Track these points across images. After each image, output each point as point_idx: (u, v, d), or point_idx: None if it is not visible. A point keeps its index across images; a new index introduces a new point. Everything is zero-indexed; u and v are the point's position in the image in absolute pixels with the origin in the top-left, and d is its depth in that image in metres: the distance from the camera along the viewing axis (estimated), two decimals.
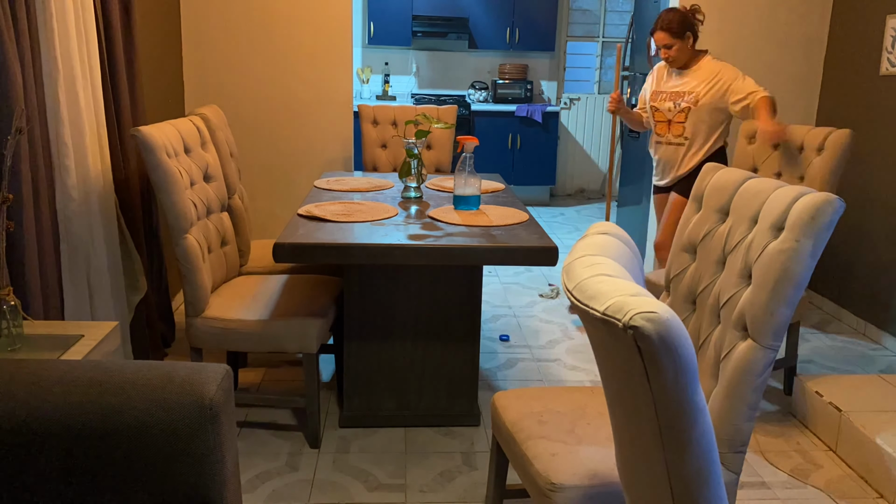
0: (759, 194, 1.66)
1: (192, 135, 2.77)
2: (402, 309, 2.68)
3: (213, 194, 2.81)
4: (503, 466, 1.99)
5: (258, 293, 2.73)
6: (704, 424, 1.00)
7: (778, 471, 2.57)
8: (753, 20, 4.24)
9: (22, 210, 2.09)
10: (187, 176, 2.61)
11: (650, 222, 4.61)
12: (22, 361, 1.17)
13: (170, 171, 2.44)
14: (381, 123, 4.13)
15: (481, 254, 2.38)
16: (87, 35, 2.56)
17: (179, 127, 2.69)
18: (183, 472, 1.08)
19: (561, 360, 3.45)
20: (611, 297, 0.98)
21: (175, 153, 2.57)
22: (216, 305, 2.59)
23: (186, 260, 2.49)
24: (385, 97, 7.04)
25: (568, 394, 2.01)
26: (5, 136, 1.91)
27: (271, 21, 4.10)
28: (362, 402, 2.75)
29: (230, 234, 2.94)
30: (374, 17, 6.75)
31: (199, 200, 2.67)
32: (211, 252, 2.72)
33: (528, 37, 7.02)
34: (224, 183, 2.96)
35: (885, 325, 3.73)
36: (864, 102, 3.94)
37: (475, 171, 2.79)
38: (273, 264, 3.08)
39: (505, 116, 6.90)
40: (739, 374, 1.56)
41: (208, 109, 3.11)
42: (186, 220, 2.49)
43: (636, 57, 5.34)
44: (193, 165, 2.70)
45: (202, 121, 2.94)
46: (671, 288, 1.90)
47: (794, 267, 1.49)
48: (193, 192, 2.63)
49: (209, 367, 1.14)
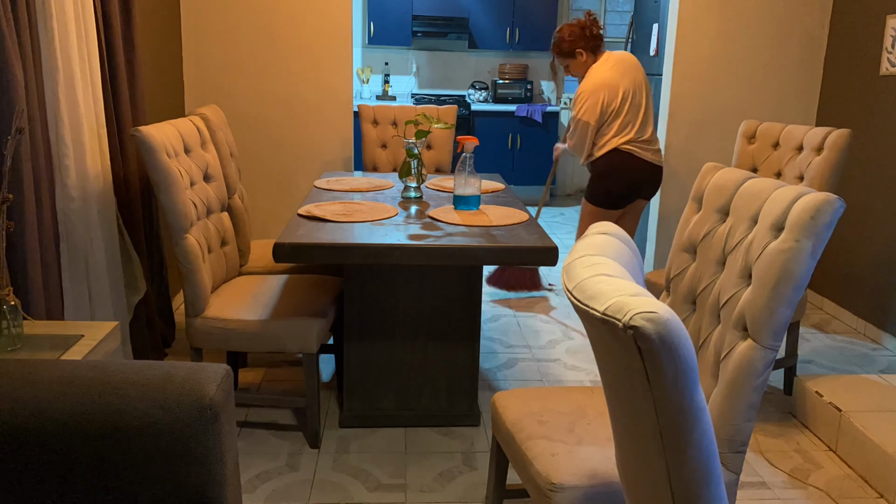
0: (759, 194, 1.66)
1: (192, 135, 2.76)
2: (402, 309, 2.68)
3: (213, 194, 2.81)
4: (503, 466, 1.99)
5: (258, 293, 2.73)
6: (704, 424, 1.00)
7: (778, 471, 2.57)
8: (753, 20, 4.24)
9: (23, 210, 2.09)
10: (187, 176, 2.60)
11: (650, 222, 4.61)
12: (22, 361, 1.17)
13: (170, 171, 2.44)
14: (381, 123, 4.13)
15: (481, 254, 2.38)
16: (87, 35, 2.56)
17: (179, 127, 2.69)
18: (183, 472, 1.08)
19: (561, 360, 3.45)
20: (611, 297, 0.98)
21: (175, 153, 2.57)
22: (216, 305, 2.59)
23: (186, 260, 2.48)
24: (385, 97, 7.04)
25: (568, 394, 2.01)
26: (6, 136, 1.91)
27: (271, 21, 4.10)
28: (362, 402, 2.75)
29: (230, 234, 2.93)
30: (374, 17, 6.75)
31: (200, 200, 2.66)
32: (211, 252, 2.72)
33: (528, 37, 7.02)
34: (224, 183, 2.96)
35: (885, 325, 3.73)
36: (864, 102, 3.94)
37: (475, 171, 2.79)
38: (273, 264, 3.08)
39: (505, 116, 6.90)
40: (739, 374, 1.56)
41: (208, 109, 3.11)
42: (186, 219, 2.49)
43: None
44: (193, 165, 2.69)
45: (202, 121, 2.94)
46: (671, 288, 1.90)
47: (794, 267, 1.49)
48: (193, 192, 2.63)
49: (209, 367, 1.14)
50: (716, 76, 4.30)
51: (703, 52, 4.26)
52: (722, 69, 4.29)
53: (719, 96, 4.32)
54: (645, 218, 4.77)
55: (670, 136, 4.36)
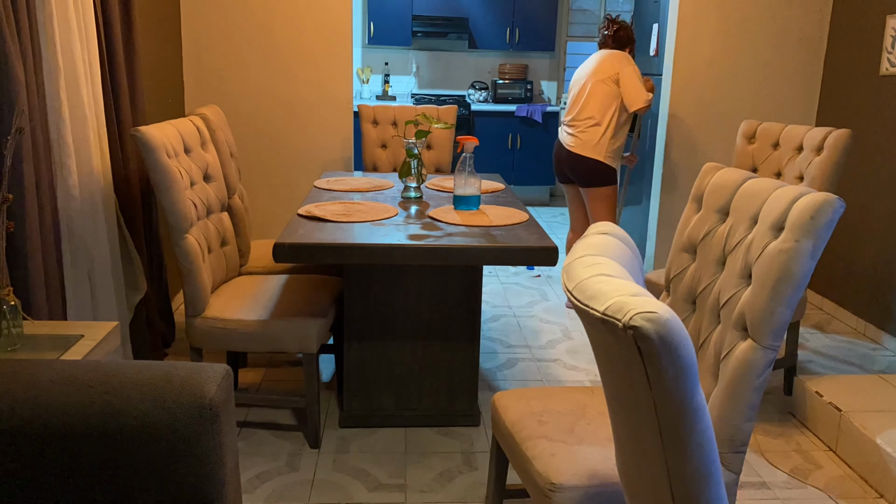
0: (759, 194, 1.66)
1: (192, 135, 2.76)
2: (402, 309, 2.68)
3: (213, 194, 2.80)
4: (503, 466, 1.99)
5: (258, 293, 2.73)
6: (704, 424, 1.00)
7: (778, 471, 2.57)
8: (753, 20, 4.24)
9: (24, 210, 2.09)
10: (187, 176, 2.60)
11: (650, 222, 4.61)
12: (22, 361, 1.17)
13: (170, 171, 2.43)
14: (381, 123, 4.13)
15: (481, 254, 2.38)
16: (88, 35, 2.56)
17: (179, 127, 2.68)
18: (183, 472, 1.08)
19: (561, 360, 3.45)
20: (611, 297, 0.98)
21: (175, 153, 2.56)
22: (216, 305, 2.59)
23: (186, 260, 2.48)
24: (385, 97, 7.04)
25: (568, 394, 2.01)
26: (6, 136, 1.91)
27: (271, 21, 4.10)
28: (362, 402, 2.75)
29: (230, 234, 2.92)
30: (374, 17, 6.75)
31: (200, 200, 2.65)
32: (211, 252, 2.71)
33: (528, 37, 7.02)
34: (224, 183, 2.96)
35: (885, 325, 3.73)
36: (864, 102, 3.94)
37: (475, 171, 2.80)
38: (273, 264, 3.08)
39: (505, 116, 6.90)
40: (739, 374, 1.56)
41: (208, 109, 3.11)
42: (187, 220, 2.49)
43: (636, 57, 5.33)
44: (193, 165, 2.69)
45: (202, 121, 2.94)
46: (671, 288, 1.90)
47: (794, 267, 1.49)
48: (193, 193, 2.62)
49: (209, 367, 1.14)
50: (716, 76, 4.30)
51: (703, 52, 4.26)
52: (722, 69, 4.29)
53: (719, 96, 4.32)
54: (645, 218, 4.77)
55: (670, 136, 4.36)
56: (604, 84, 3.73)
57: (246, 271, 3.09)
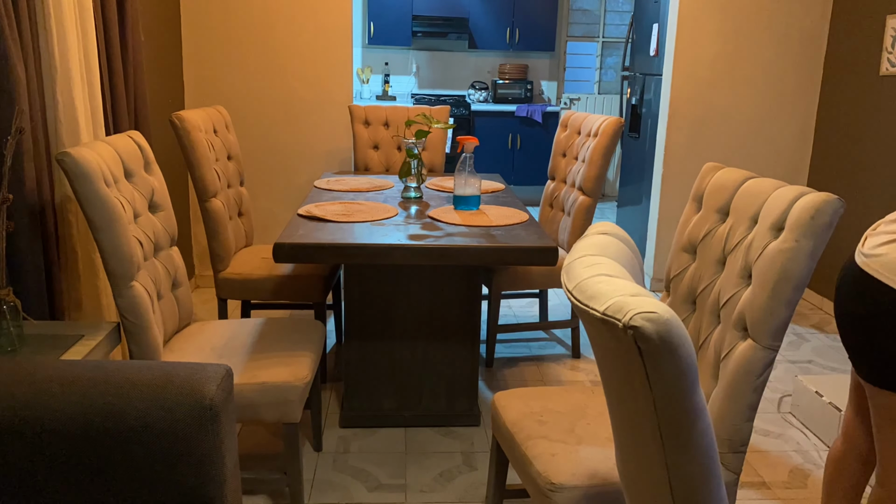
0: (759, 194, 1.66)
1: (133, 155, 2.24)
2: (402, 309, 2.68)
3: (160, 227, 2.30)
4: (503, 466, 1.99)
5: (220, 346, 2.27)
6: (704, 424, 1.00)
7: (778, 471, 2.57)
8: (753, 20, 4.24)
9: (23, 210, 2.09)
10: (130, 208, 2.11)
11: (650, 222, 4.61)
12: (22, 361, 1.17)
13: (110, 204, 1.94)
14: (372, 124, 4.06)
15: (481, 254, 2.38)
16: (86, 35, 2.56)
17: (117, 146, 2.18)
18: (183, 472, 1.08)
19: (561, 360, 3.45)
20: (611, 297, 0.98)
21: (115, 180, 2.07)
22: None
23: (134, 314, 2.00)
24: (385, 97, 7.04)
25: (568, 394, 2.01)
26: (6, 136, 1.91)
27: (271, 21, 4.10)
28: (362, 402, 2.75)
29: (182, 274, 2.40)
30: (374, 17, 6.75)
31: (146, 237, 2.17)
32: (161, 298, 2.24)
33: (528, 37, 7.03)
34: (172, 213, 2.43)
35: None
36: (864, 102, 3.94)
37: (475, 171, 2.80)
38: (253, 270, 3.02)
39: (505, 116, 6.90)
40: (739, 375, 1.56)
41: (215, 109, 3.11)
42: (132, 263, 2.00)
43: (636, 57, 5.34)
44: (136, 193, 2.20)
45: (143, 138, 2.44)
46: (671, 288, 1.90)
47: (794, 267, 1.49)
48: (138, 227, 2.15)
49: (209, 367, 1.14)
50: (716, 76, 4.30)
51: (703, 52, 4.26)
52: (722, 69, 4.29)
53: (719, 96, 4.32)
54: (645, 218, 4.77)
55: (670, 136, 4.36)
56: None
57: (224, 276, 3.01)
